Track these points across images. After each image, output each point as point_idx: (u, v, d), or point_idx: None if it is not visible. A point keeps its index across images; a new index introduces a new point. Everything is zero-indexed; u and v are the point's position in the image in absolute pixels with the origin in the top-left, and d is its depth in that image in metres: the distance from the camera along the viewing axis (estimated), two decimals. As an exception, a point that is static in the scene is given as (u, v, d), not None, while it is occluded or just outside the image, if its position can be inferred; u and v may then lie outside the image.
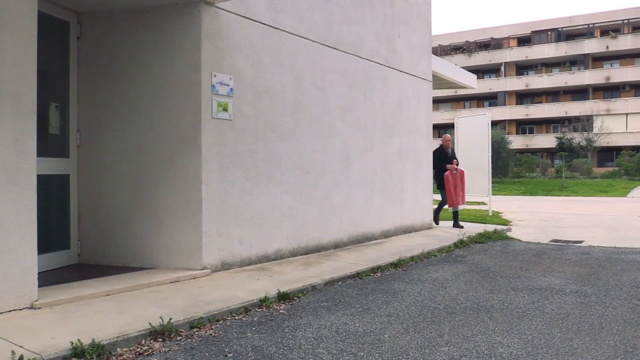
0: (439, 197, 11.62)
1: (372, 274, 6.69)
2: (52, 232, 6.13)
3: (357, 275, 6.52)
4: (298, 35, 7.60)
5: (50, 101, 6.12)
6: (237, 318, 4.71)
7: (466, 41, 56.79)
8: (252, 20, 6.83)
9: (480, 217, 13.60)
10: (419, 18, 11.00)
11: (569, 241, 9.95)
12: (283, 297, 5.31)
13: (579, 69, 51.68)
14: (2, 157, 4.44)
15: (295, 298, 5.42)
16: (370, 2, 9.34)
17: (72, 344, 3.62)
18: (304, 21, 7.74)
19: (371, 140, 9.31)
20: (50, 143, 6.11)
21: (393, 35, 10.00)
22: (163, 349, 3.89)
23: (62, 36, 6.36)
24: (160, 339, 4.05)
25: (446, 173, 11.21)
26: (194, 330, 4.31)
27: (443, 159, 11.46)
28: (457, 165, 11.45)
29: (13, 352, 3.43)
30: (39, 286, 4.74)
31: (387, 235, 9.70)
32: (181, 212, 6.14)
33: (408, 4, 10.57)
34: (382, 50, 9.62)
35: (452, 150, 11.91)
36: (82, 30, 6.52)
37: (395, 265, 7.19)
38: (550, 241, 9.98)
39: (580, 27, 52.03)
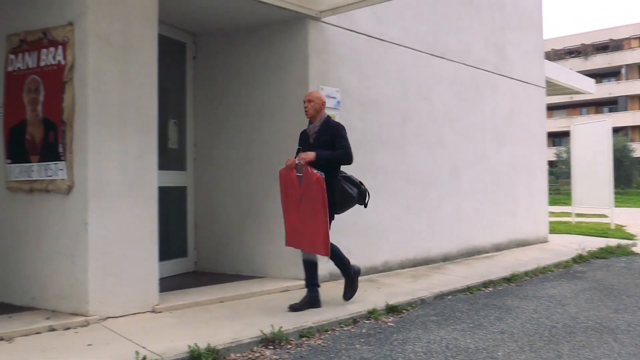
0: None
1: (484, 289, 6.46)
2: (171, 240, 6.48)
3: (468, 289, 6.32)
4: (404, 46, 7.55)
5: (169, 117, 6.52)
6: (345, 329, 4.71)
7: (582, 44, 53.79)
8: (358, 32, 6.89)
9: (601, 231, 12.72)
10: (530, 22, 10.56)
11: None
12: (391, 309, 5.25)
13: None
14: (127, 171, 4.77)
15: (404, 311, 5.35)
16: (477, 9, 9.11)
17: (190, 347, 3.79)
18: (410, 31, 7.68)
19: (481, 150, 9.03)
20: (169, 157, 6.48)
21: (502, 42, 9.67)
22: (274, 357, 3.97)
23: (180, 56, 6.76)
24: (271, 347, 4.14)
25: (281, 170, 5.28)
26: (303, 339, 4.37)
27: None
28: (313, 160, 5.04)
29: (137, 353, 3.66)
30: (160, 291, 5.02)
31: (498, 248, 9.33)
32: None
33: (517, 8, 10.18)
34: (491, 58, 9.33)
35: (322, 128, 5.22)
36: (198, 50, 6.89)
37: (508, 280, 6.89)
38: (683, 257, 9.14)
39: None
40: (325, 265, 6.33)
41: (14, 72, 4.97)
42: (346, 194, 5.14)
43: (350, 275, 5.43)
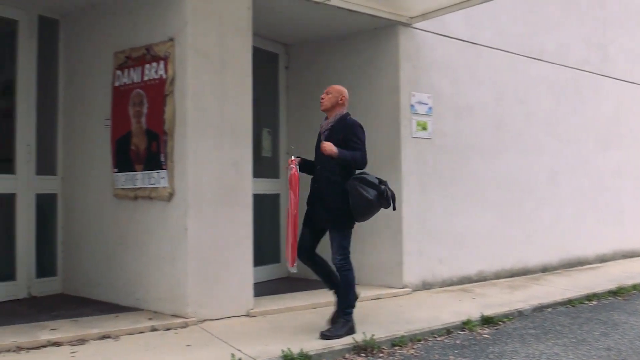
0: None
1: (587, 302, 6.11)
2: (264, 246, 6.64)
3: (569, 302, 6.01)
4: (498, 49, 7.33)
5: (263, 127, 6.70)
6: (438, 339, 4.62)
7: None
8: (449, 37, 6.77)
9: None
10: (635, 19, 9.92)
11: None
12: (487, 320, 5.09)
13: None
14: (224, 180, 4.95)
15: (500, 323, 5.16)
16: (577, 7, 8.68)
17: (283, 352, 3.85)
18: (504, 34, 7.44)
19: (582, 156, 8.57)
20: (263, 165, 6.65)
21: (604, 41, 9.14)
22: (366, 364, 3.96)
23: (273, 66, 6.95)
24: (363, 354, 4.13)
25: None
26: (396, 348, 4.32)
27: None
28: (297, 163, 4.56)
29: (233, 355, 3.77)
30: (254, 296, 5.15)
31: (603, 259, 8.80)
32: (382, 230, 6.24)
33: (621, 4, 9.60)
34: (592, 58, 8.84)
35: (337, 125, 4.63)
36: (290, 60, 7.05)
37: (615, 293, 6.47)
38: None
39: None
40: (418, 273, 6.26)
41: (120, 86, 5.30)
42: (360, 198, 4.32)
43: (347, 317, 4.50)
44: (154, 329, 4.46)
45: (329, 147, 4.33)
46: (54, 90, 5.87)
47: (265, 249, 6.65)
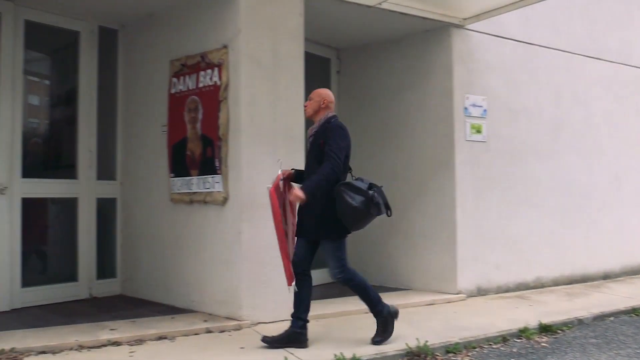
0: None
1: (652, 311, 5.85)
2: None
3: (633, 311, 5.76)
4: (555, 49, 7.13)
5: (314, 131, 6.72)
6: (494, 347, 4.51)
7: None
8: (504, 38, 6.62)
9: None
10: None
11: None
12: (545, 329, 4.94)
13: None
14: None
15: (559, 331, 5.00)
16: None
17: (336, 356, 3.85)
18: (562, 33, 7.23)
19: (646, 158, 8.22)
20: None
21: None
22: (419, 371, 3.91)
23: (324, 71, 6.98)
24: (417, 361, 4.08)
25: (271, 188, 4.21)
26: (450, 355, 4.25)
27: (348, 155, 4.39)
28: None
29: (286, 358, 3.83)
30: (307, 300, 5.16)
31: (669, 266, 8.40)
32: (435, 235, 6.16)
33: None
34: (657, 56, 8.48)
35: (320, 130, 4.34)
36: (341, 65, 7.06)
37: (682, 301, 6.17)
38: None
39: None
40: (473, 278, 6.14)
41: (176, 93, 5.43)
42: (345, 205, 4.03)
43: (383, 316, 4.35)
44: (208, 331, 4.54)
45: (295, 196, 4.00)
46: (114, 98, 6.09)
47: (318, 253, 6.65)
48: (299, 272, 4.23)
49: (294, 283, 4.19)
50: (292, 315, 4.25)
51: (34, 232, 5.64)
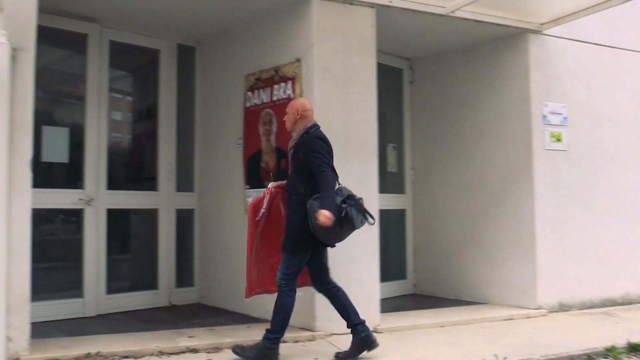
0: None
1: None
2: (390, 262, 6.60)
3: None
4: (640, 52, 6.79)
5: (387, 142, 6.70)
6: (578, 365, 4.31)
7: None
8: (584, 42, 6.37)
9: None
10: None
11: None
12: (635, 348, 4.65)
13: None
14: (349, 194, 4.99)
15: (650, 350, 4.71)
16: None
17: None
18: (648, 35, 6.87)
19: None
20: (388, 180, 6.64)
21: None
22: (498, 388, 3.78)
23: (397, 82, 6.95)
24: (495, 377, 3.95)
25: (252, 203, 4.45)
26: (531, 372, 4.09)
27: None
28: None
29: (360, 371, 3.78)
30: (380, 312, 5.12)
31: None
32: (513, 247, 5.97)
33: None
34: None
35: (299, 141, 4.22)
36: (414, 75, 7.00)
37: None
38: None
39: None
40: (554, 293, 5.90)
41: (251, 107, 5.56)
42: (314, 221, 3.90)
43: (360, 335, 4.13)
44: (282, 341, 4.53)
45: (324, 218, 3.83)
46: (191, 112, 6.30)
47: (391, 265, 6.62)
48: (319, 290, 4.28)
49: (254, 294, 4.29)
50: (349, 327, 4.19)
51: (117, 242, 5.91)
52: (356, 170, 5.04)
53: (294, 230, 4.05)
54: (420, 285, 6.85)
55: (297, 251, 4.05)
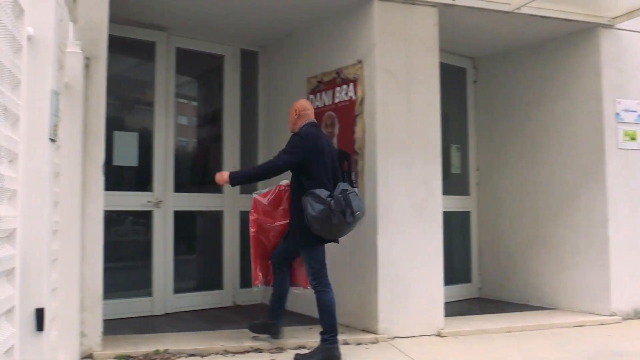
0: None
1: None
2: (455, 265, 6.48)
3: None
4: None
5: (451, 143, 6.59)
6: (657, 375, 4.09)
7: None
8: (662, 35, 6.06)
9: None
10: None
11: None
12: None
13: None
14: (413, 197, 4.95)
15: None
16: None
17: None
18: None
19: None
20: (452, 182, 6.53)
21: None
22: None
23: (460, 81, 6.82)
24: (566, 386, 3.81)
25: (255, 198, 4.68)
26: (604, 381, 3.92)
27: (316, 160, 4.22)
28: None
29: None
30: (444, 316, 5.03)
31: None
32: (584, 250, 5.74)
33: None
34: None
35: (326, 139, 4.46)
36: (478, 74, 6.86)
37: None
38: None
39: None
40: (629, 299, 5.63)
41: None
42: (307, 215, 4.04)
43: (326, 347, 4.07)
44: (345, 343, 4.57)
45: (218, 178, 4.34)
46: (255, 116, 6.41)
47: (455, 268, 6.50)
48: (273, 264, 4.48)
49: (259, 283, 4.56)
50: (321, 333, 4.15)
51: (184, 243, 6.08)
52: (419, 172, 4.99)
53: (296, 228, 4.20)
54: (485, 288, 6.69)
55: (307, 247, 4.16)
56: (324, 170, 4.17)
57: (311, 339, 4.55)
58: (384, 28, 4.95)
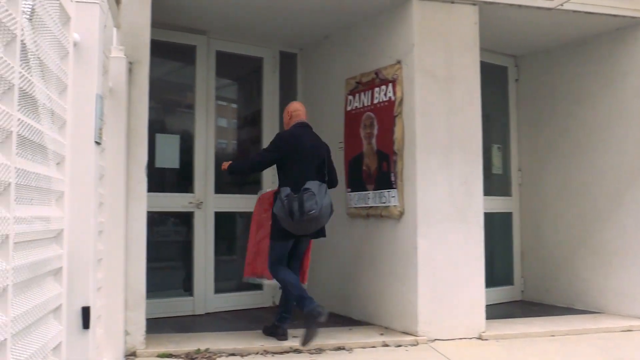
0: None
1: None
2: (496, 267, 6.38)
3: None
4: None
5: (492, 143, 6.48)
6: None
7: None
8: None
9: None
10: None
11: None
12: None
13: None
14: (453, 197, 4.89)
15: None
16: None
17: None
18: None
19: None
20: (493, 182, 6.43)
21: None
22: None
23: (501, 80, 6.71)
24: (613, 392, 3.70)
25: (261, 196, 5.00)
26: (654, 388, 3.79)
27: (294, 159, 4.55)
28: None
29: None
30: (485, 318, 4.96)
31: None
32: (631, 253, 5.56)
33: None
34: None
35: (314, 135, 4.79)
36: (519, 72, 6.73)
37: None
38: None
39: None
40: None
41: (352, 110, 5.59)
42: (276, 213, 4.45)
43: (304, 313, 4.33)
44: (385, 344, 4.56)
45: (224, 165, 4.76)
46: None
47: (497, 270, 6.39)
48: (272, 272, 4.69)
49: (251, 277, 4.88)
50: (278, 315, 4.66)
51: (224, 243, 6.15)
52: (460, 173, 4.93)
53: (272, 221, 4.53)
54: (528, 291, 6.56)
55: (273, 240, 4.54)
56: (303, 169, 4.47)
57: (350, 340, 4.55)
58: (423, 28, 4.91)
